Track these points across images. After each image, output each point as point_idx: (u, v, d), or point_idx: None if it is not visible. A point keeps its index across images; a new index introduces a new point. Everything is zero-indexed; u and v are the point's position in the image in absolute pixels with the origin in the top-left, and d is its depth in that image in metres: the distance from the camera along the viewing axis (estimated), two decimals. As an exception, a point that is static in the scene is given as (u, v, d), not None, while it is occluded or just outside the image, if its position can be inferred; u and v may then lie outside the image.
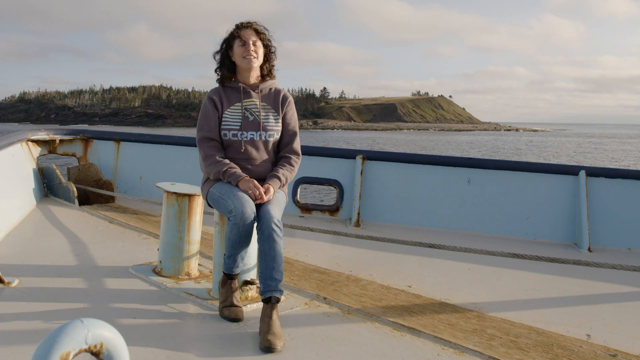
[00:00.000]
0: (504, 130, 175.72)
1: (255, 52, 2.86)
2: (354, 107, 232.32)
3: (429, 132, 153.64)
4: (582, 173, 4.90)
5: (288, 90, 3.15)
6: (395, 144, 64.29)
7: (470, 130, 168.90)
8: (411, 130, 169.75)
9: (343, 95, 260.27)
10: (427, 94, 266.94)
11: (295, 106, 3.06)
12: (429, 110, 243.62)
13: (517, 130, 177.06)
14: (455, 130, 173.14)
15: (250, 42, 2.84)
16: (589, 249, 4.61)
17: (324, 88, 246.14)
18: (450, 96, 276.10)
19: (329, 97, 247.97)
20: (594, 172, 4.91)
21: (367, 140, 74.56)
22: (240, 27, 2.90)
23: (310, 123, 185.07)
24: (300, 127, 3.06)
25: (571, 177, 4.95)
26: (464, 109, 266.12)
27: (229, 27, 2.94)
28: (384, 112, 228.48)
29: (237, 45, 2.86)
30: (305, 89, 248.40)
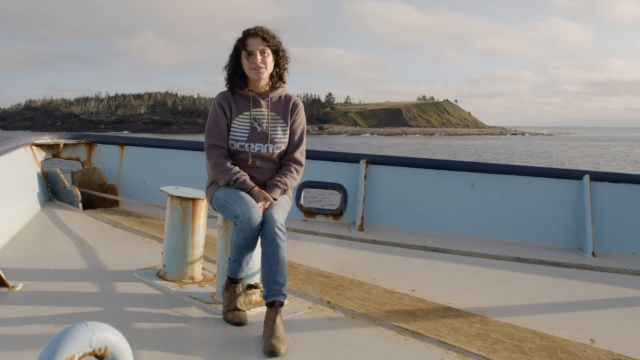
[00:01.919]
0: (510, 134, 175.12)
1: (264, 62, 2.77)
2: (359, 112, 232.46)
3: (435, 136, 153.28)
4: (586, 177, 4.87)
5: None
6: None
7: (478, 135, 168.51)
8: (417, 135, 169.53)
9: (348, 101, 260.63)
10: (432, 98, 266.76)
11: None
12: (434, 115, 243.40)
13: (523, 134, 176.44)
14: (462, 134, 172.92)
15: (257, 53, 2.75)
16: (593, 254, 4.58)
17: (330, 93, 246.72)
18: (456, 100, 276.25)
19: (335, 102, 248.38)
20: (598, 177, 4.88)
21: (378, 147, 72.17)
22: (246, 35, 2.79)
23: (316, 129, 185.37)
24: (306, 132, 3.03)
25: (575, 182, 4.93)
26: (469, 113, 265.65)
27: (236, 34, 2.85)
28: (390, 117, 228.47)
29: (244, 56, 2.78)
30: (311, 94, 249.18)
